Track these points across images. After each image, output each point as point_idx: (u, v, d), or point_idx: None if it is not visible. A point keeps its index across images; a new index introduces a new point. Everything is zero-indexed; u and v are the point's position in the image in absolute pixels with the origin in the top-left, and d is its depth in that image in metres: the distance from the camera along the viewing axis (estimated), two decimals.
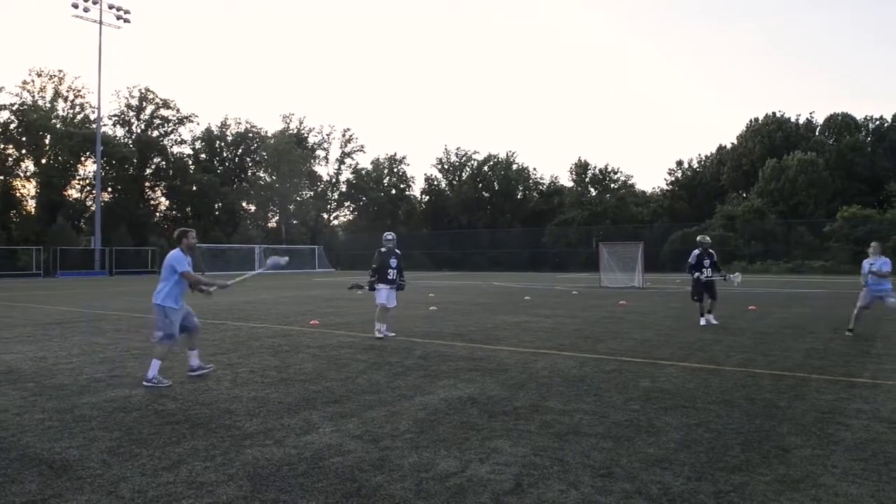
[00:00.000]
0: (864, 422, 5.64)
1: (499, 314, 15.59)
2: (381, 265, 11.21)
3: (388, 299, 11.24)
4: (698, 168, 69.52)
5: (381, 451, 4.79)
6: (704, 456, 4.68)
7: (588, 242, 54.39)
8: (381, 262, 11.22)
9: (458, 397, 6.57)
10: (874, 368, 8.21)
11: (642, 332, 11.89)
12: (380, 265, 11.21)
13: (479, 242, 62.96)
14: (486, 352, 9.65)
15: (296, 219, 73.01)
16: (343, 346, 10.34)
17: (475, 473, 4.30)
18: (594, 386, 7.13)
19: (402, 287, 11.61)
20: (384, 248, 11.31)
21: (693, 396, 6.60)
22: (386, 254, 11.26)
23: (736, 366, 8.40)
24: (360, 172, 76.69)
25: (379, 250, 11.30)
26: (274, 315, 15.55)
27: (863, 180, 57.97)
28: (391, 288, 11.29)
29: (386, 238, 11.56)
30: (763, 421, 5.65)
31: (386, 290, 11.21)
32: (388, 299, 11.24)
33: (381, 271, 11.20)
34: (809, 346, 10.14)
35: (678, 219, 59.96)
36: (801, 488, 4.04)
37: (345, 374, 7.84)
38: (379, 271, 11.19)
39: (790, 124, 63.66)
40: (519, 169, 73.16)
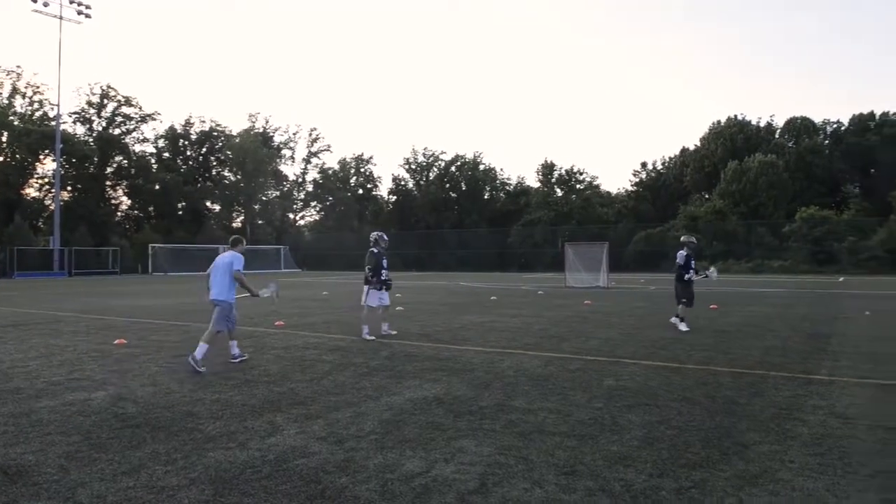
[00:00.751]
0: (820, 417, 5.78)
1: (465, 314, 15.63)
2: (377, 266, 11.21)
3: (382, 299, 11.32)
4: (662, 169, 70.62)
5: (346, 452, 4.77)
6: (666, 453, 4.75)
7: (554, 242, 54.78)
8: (376, 263, 11.21)
9: (424, 397, 6.57)
10: (830, 365, 8.42)
11: (606, 332, 12.02)
12: (375, 265, 11.20)
13: (447, 242, 63.01)
14: (453, 352, 9.67)
15: (261, 218, 72.25)
16: (308, 347, 10.27)
17: (440, 473, 4.30)
18: (559, 385, 7.19)
19: (389, 286, 11.64)
20: (377, 248, 11.27)
21: (655, 394, 6.70)
22: (379, 255, 11.26)
23: (697, 364, 8.54)
24: (327, 172, 76.20)
25: (372, 251, 11.24)
26: (238, 316, 15.34)
27: (821, 182, 59.44)
28: (383, 288, 11.35)
29: (383, 238, 11.51)
30: (723, 418, 5.76)
31: (376, 291, 11.26)
32: (382, 299, 11.32)
33: (376, 272, 11.19)
34: (768, 344, 10.35)
35: (642, 219, 60.80)
36: (759, 483, 4.13)
37: (310, 376, 7.79)
38: (375, 272, 11.18)
39: (751, 127, 65.00)
40: (486, 169, 73.39)
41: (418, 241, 64.18)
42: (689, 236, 13.29)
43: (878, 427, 5.47)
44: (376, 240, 11.39)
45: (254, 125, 73.12)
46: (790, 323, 13.42)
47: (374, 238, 11.47)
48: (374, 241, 11.38)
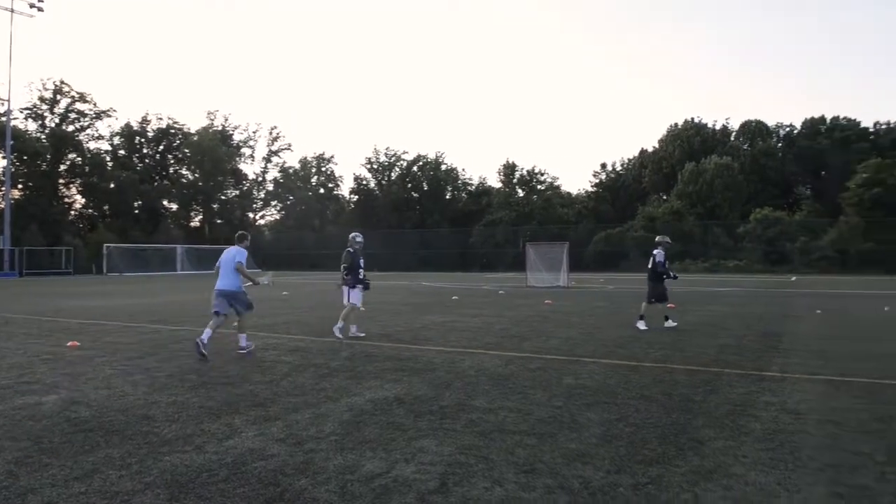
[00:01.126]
0: (772, 413, 5.92)
1: (426, 314, 15.63)
2: (353, 265, 11.26)
3: (359, 299, 11.42)
4: (621, 171, 71.63)
5: (305, 454, 4.73)
6: (624, 450, 4.82)
7: (515, 242, 55.15)
8: (352, 262, 11.26)
9: (385, 398, 6.55)
10: (782, 362, 8.64)
11: (567, 331, 12.14)
12: (351, 265, 11.25)
13: (409, 242, 62.90)
14: (414, 352, 9.66)
15: (220, 218, 71.17)
16: (268, 348, 10.15)
17: (400, 474, 4.30)
18: (519, 384, 7.23)
19: (368, 286, 11.71)
20: (353, 248, 11.32)
21: (614, 392, 6.79)
22: (355, 254, 11.33)
23: (654, 362, 8.68)
24: (288, 171, 75.44)
25: (348, 251, 11.31)
26: (195, 317, 15.11)
27: (774, 184, 61.01)
28: (361, 288, 11.42)
29: (357, 240, 11.53)
30: (679, 415, 5.86)
31: (358, 290, 11.33)
32: (359, 299, 11.42)
33: (353, 271, 11.25)
34: (723, 342, 10.58)
35: (602, 220, 61.57)
36: (713, 478, 4.22)
37: (269, 377, 7.70)
38: (351, 271, 11.24)
39: (708, 130, 66.38)
40: (448, 169, 73.50)
41: (380, 241, 63.86)
42: (663, 237, 13.44)
43: (827, 422, 5.63)
44: (351, 240, 11.46)
45: (212, 123, 72.10)
46: (744, 322, 13.72)
47: (351, 238, 11.53)
48: (350, 241, 11.44)
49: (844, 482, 4.16)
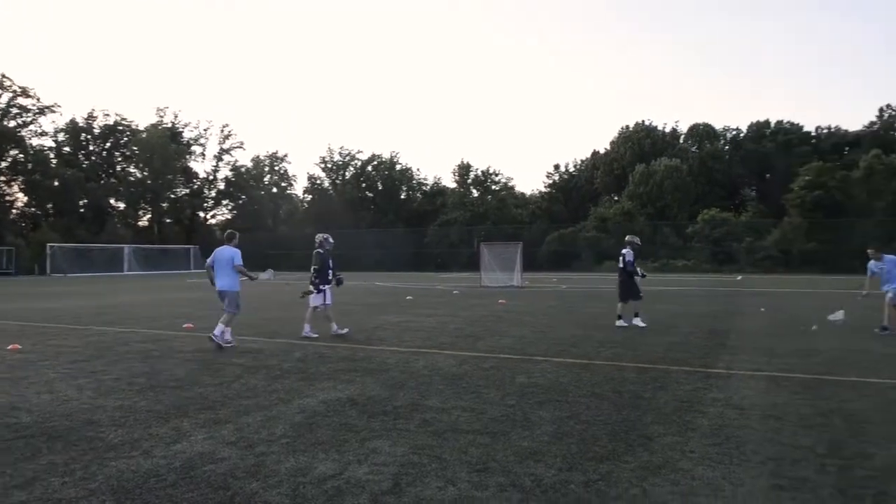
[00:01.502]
0: (718, 409, 6.08)
1: (381, 314, 15.58)
2: (323, 266, 11.48)
3: (328, 298, 11.58)
4: (574, 172, 72.51)
5: (256, 457, 4.67)
6: (575, 447, 4.89)
7: (470, 242, 55.35)
8: (322, 264, 11.48)
9: (338, 399, 6.51)
10: (728, 359, 8.87)
11: (520, 330, 12.25)
12: (322, 266, 11.46)
13: (363, 242, 62.50)
14: (367, 352, 9.62)
15: (169, 217, 69.62)
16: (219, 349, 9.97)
17: (353, 475, 4.28)
18: (473, 383, 7.27)
19: (340, 282, 12.07)
20: (322, 249, 11.57)
21: (566, 390, 6.88)
22: (325, 255, 11.57)
23: (605, 360, 8.82)
24: (240, 170, 74.13)
25: (318, 252, 11.54)
26: (144, 319, 14.78)
27: (721, 186, 62.63)
28: (330, 287, 11.65)
29: (329, 241, 11.78)
30: (629, 412, 5.97)
31: (327, 290, 11.55)
32: (328, 298, 11.58)
33: (322, 272, 11.46)
34: (672, 340, 10.81)
35: (555, 220, 62.25)
36: (661, 473, 4.31)
37: (219, 380, 7.57)
38: (321, 272, 11.43)
39: (657, 132, 67.68)
40: (403, 169, 73.34)
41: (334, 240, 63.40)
42: (633, 237, 13.71)
43: (770, 417, 5.80)
44: (321, 241, 11.67)
45: (162, 120, 70.39)
46: (692, 320, 14.04)
47: (319, 240, 11.74)
48: (320, 242, 11.67)
49: (786, 475, 4.29)
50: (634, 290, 13.04)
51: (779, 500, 3.86)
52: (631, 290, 13.02)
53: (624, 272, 13.11)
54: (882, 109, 63.48)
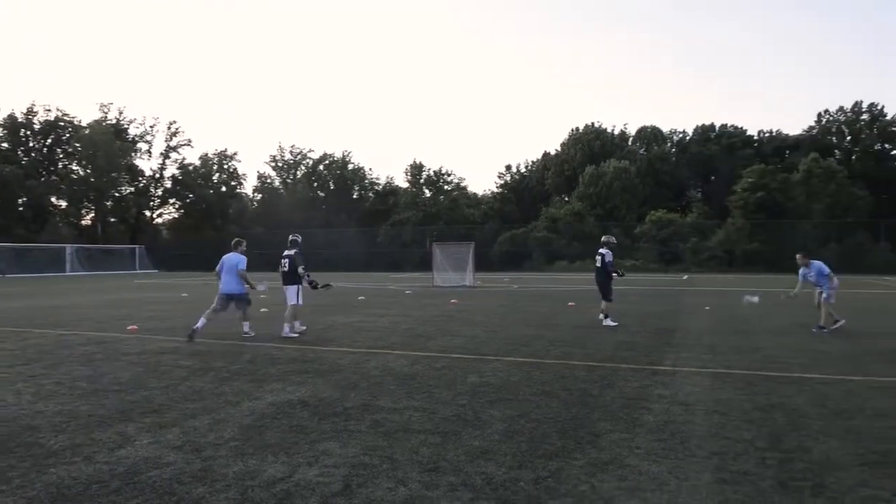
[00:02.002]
0: (664, 405, 6.22)
1: (332, 315, 15.45)
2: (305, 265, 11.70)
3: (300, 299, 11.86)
4: (525, 172, 73.16)
5: (203, 461, 4.58)
6: (525, 445, 4.93)
7: (422, 242, 55.36)
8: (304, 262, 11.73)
9: (288, 401, 6.43)
10: (674, 357, 9.08)
11: (472, 330, 12.31)
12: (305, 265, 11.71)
13: (314, 242, 61.79)
14: (318, 353, 9.54)
15: (114, 216, 67.69)
16: (164, 352, 9.75)
17: (303, 477, 4.23)
18: (424, 383, 7.28)
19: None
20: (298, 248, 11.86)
21: (516, 389, 6.94)
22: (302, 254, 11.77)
23: (555, 359, 8.93)
24: (187, 168, 72.44)
25: (299, 252, 11.85)
26: (86, 321, 14.34)
27: (668, 187, 64.10)
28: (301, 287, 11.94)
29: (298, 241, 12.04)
30: (578, 409, 6.06)
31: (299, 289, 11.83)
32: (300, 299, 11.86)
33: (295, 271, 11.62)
34: (620, 338, 11.00)
35: (507, 220, 62.71)
36: (609, 469, 4.38)
37: (165, 382, 7.41)
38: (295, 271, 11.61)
39: (607, 134, 68.83)
40: (355, 169, 72.88)
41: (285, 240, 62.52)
42: (609, 237, 13.89)
43: (714, 412, 5.96)
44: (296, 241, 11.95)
45: (106, 116, 68.35)
46: (639, 318, 14.32)
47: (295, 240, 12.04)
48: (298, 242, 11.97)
49: (729, 469, 4.42)
50: (610, 289, 13.26)
51: (722, 494, 3.96)
52: (607, 290, 13.24)
53: (603, 272, 13.28)
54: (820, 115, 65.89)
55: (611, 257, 13.34)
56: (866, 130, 62.55)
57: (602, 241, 13.65)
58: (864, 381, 7.45)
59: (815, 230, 49.40)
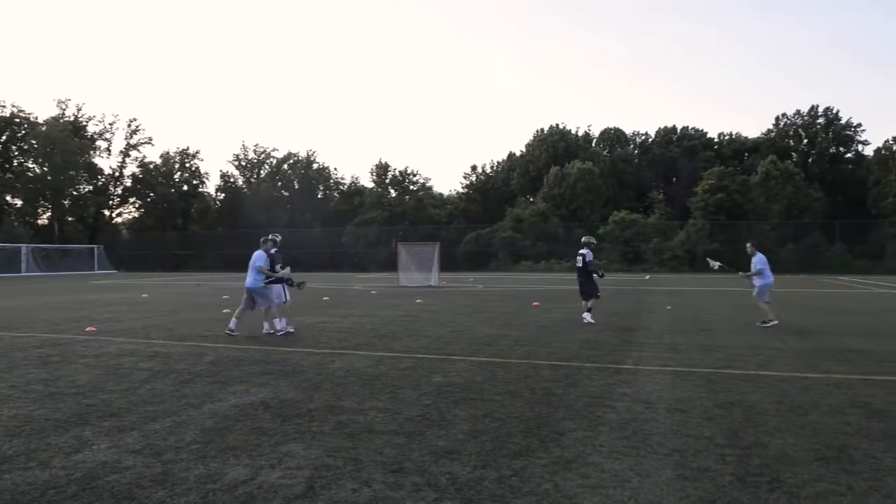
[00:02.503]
0: (626, 404, 6.29)
1: (296, 315, 15.27)
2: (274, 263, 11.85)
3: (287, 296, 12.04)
4: (491, 173, 73.44)
5: (163, 464, 4.50)
6: (490, 444, 4.95)
7: (387, 242, 55.23)
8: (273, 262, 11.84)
9: (251, 402, 6.36)
10: (636, 356, 9.20)
11: (436, 330, 12.31)
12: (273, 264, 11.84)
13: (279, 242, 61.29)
14: (282, 354, 9.44)
15: (71, 215, 66.15)
16: (124, 354, 9.56)
17: (266, 480, 4.19)
18: (389, 384, 7.26)
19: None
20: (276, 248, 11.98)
21: (481, 389, 6.97)
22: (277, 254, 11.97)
23: (520, 358, 8.99)
24: (148, 166, 71.13)
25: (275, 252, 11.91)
26: (42, 322, 13.99)
27: (631, 188, 65.01)
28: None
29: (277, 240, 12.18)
30: (542, 408, 6.10)
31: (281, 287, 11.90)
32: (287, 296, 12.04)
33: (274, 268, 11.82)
34: (584, 337, 11.11)
35: (472, 220, 62.92)
36: (572, 468, 4.42)
37: (125, 385, 7.26)
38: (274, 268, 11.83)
39: (571, 136, 69.47)
40: (319, 168, 72.38)
41: (248, 240, 61.79)
42: (589, 237, 14.21)
43: (675, 410, 6.05)
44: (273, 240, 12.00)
45: (63, 113, 66.81)
46: (602, 318, 14.46)
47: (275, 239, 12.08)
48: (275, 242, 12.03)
49: (689, 465, 4.49)
50: (594, 287, 13.64)
51: (683, 490, 4.03)
52: (592, 288, 13.56)
53: (585, 272, 13.60)
54: (778, 118, 67.49)
55: (591, 257, 13.69)
56: (822, 134, 64.27)
57: (583, 242, 14.00)
58: (820, 377, 7.64)
59: (772, 231, 50.62)
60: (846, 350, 9.78)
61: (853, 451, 4.82)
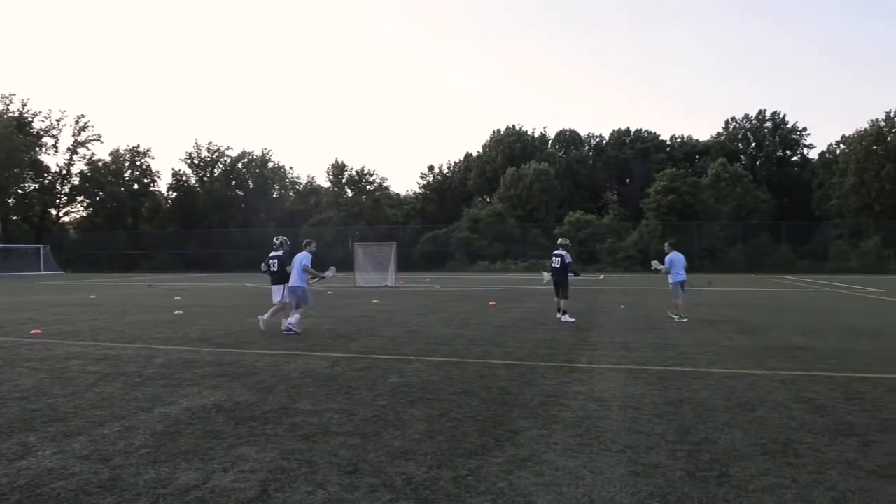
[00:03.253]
0: (580, 402, 6.38)
1: (250, 316, 15.08)
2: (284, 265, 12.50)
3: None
4: (448, 173, 73.64)
5: (112, 470, 4.40)
6: (446, 444, 4.97)
7: (344, 242, 54.86)
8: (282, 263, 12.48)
9: (203, 405, 6.25)
10: (590, 354, 9.33)
11: (393, 330, 12.29)
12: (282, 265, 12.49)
13: (232, 242, 60.38)
14: (236, 356, 9.30)
15: (16, 214, 63.98)
16: (71, 357, 9.30)
17: (218, 484, 4.13)
18: (345, 384, 7.22)
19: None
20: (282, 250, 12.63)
21: (437, 389, 6.98)
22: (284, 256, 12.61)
23: (476, 358, 9.03)
24: (97, 164, 69.15)
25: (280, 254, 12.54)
26: None
27: (586, 189, 65.94)
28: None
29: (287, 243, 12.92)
30: (498, 407, 6.14)
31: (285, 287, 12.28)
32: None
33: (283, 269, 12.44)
34: (539, 337, 11.22)
35: (429, 220, 62.98)
36: (527, 466, 4.47)
37: (71, 389, 7.06)
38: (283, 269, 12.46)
39: (527, 137, 70.12)
40: (275, 167, 71.47)
41: (201, 240, 60.94)
42: (565, 239, 14.92)
43: (627, 407, 6.16)
44: (281, 243, 12.75)
45: (7, 108, 64.53)
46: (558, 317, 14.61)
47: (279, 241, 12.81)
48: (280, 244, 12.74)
49: (641, 461, 4.57)
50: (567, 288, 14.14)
51: (635, 486, 4.10)
52: (566, 288, 14.06)
53: (562, 272, 14.12)
54: (728, 122, 69.27)
55: (569, 258, 14.32)
56: (769, 137, 66.21)
57: (559, 244, 14.64)
58: (766, 374, 7.86)
59: (722, 231, 51.93)
60: (791, 347, 10.08)
61: (798, 445, 4.98)
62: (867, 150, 52.00)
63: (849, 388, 7.09)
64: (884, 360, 8.87)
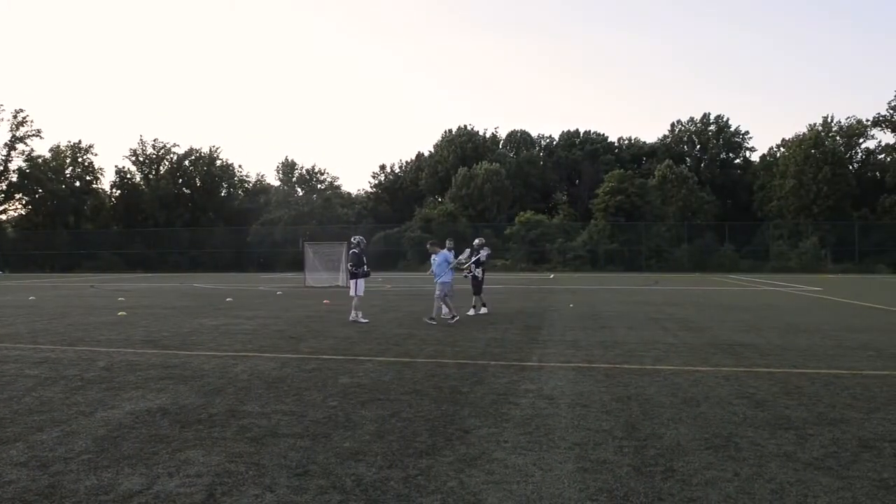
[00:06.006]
0: (530, 400, 6.44)
1: (197, 317, 14.81)
2: (359, 262, 13.64)
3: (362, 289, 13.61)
4: (400, 173, 73.46)
5: (51, 476, 4.26)
6: (396, 444, 4.95)
7: (294, 242, 54.20)
8: (359, 260, 13.64)
9: (147, 409, 6.10)
10: (540, 353, 9.43)
11: (343, 330, 12.20)
12: (358, 262, 13.63)
13: (179, 241, 59.11)
14: (181, 358, 9.10)
15: None
16: (7, 360, 8.96)
17: (163, 489, 4.03)
18: (294, 386, 7.14)
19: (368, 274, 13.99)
20: (358, 249, 13.70)
21: (388, 389, 6.96)
22: (361, 253, 13.71)
23: (427, 357, 9.03)
24: (36, 161, 66.68)
25: (354, 252, 13.73)
26: None
27: (536, 189, 66.56)
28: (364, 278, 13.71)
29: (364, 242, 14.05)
30: (448, 406, 6.16)
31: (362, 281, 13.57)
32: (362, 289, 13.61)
33: (360, 266, 13.61)
34: (490, 336, 11.29)
35: (381, 220, 62.75)
36: (477, 464, 4.49)
37: (8, 394, 6.81)
38: (359, 266, 13.61)
39: (479, 137, 70.42)
40: (223, 165, 70.10)
41: (146, 239, 59.49)
42: (481, 239, 15.93)
43: (576, 405, 6.24)
44: (358, 242, 13.88)
45: None
46: (509, 316, 14.75)
47: (356, 241, 13.94)
48: (357, 243, 13.85)
49: (589, 458, 4.65)
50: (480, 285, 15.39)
51: (583, 482, 4.16)
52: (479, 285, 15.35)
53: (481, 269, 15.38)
54: (673, 124, 70.81)
55: (486, 257, 15.39)
56: (713, 140, 67.90)
57: (481, 244, 15.70)
58: (710, 371, 8.07)
59: (668, 231, 53.11)
60: (734, 344, 10.37)
61: (739, 439, 5.13)
62: (806, 154, 53.83)
63: (787, 383, 7.33)
64: (820, 356, 9.20)
